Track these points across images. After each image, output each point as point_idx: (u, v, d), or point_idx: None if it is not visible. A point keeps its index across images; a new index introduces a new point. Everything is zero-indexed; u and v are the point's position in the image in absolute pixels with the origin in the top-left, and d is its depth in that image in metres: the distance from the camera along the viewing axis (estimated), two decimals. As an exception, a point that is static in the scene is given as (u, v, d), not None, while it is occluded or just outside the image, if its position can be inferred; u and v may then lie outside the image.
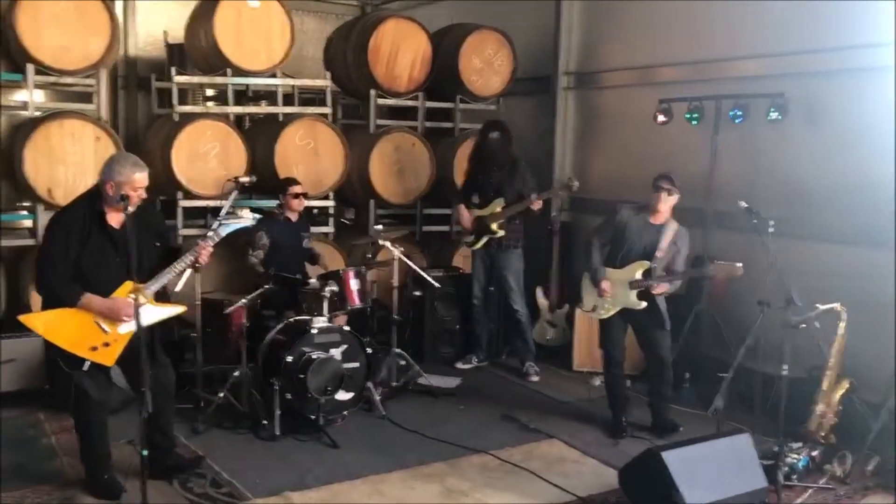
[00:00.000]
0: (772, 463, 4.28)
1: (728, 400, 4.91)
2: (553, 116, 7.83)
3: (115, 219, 3.97)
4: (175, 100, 6.53)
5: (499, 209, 6.29)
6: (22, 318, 3.76)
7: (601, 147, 7.57)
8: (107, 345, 3.89)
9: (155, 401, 3.89)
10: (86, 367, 3.85)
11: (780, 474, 4.28)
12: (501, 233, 6.31)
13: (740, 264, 4.80)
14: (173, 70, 6.63)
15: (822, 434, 4.87)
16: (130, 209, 3.83)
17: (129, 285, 3.86)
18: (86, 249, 3.86)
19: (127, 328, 3.91)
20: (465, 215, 6.47)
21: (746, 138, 6.12)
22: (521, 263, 6.48)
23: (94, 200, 3.94)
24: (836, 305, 4.78)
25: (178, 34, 7.57)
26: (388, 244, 5.84)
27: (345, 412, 5.25)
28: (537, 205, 6.16)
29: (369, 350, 5.36)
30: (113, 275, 3.92)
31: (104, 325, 3.90)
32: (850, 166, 5.52)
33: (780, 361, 4.29)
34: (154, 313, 4.00)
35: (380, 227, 6.35)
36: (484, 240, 6.39)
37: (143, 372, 3.43)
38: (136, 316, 3.53)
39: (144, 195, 3.95)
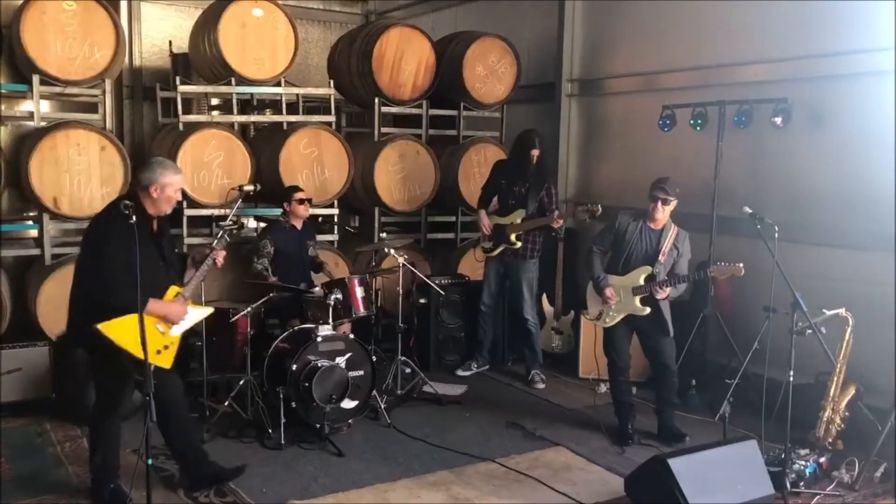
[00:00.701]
0: (779, 469, 4.26)
1: (735, 406, 4.90)
2: (557, 123, 7.84)
3: (153, 224, 4.08)
4: (179, 109, 6.56)
5: (519, 220, 6.27)
6: (100, 326, 3.78)
7: (605, 154, 7.57)
8: (166, 347, 4.03)
9: (168, 411, 4.05)
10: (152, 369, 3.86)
11: (787, 481, 4.26)
12: (518, 244, 6.30)
13: (741, 264, 4.80)
14: (178, 79, 6.67)
15: (830, 440, 4.84)
16: (169, 211, 4.04)
17: (175, 289, 4.10)
18: (139, 255, 3.90)
19: (179, 330, 4.08)
20: (486, 221, 6.46)
21: (750, 144, 6.11)
22: (536, 273, 6.47)
23: (136, 202, 3.95)
24: (842, 311, 4.77)
25: (182, 44, 7.61)
26: (393, 252, 5.85)
27: (350, 420, 5.24)
28: (559, 222, 6.15)
29: (374, 358, 5.36)
30: (160, 279, 4.04)
31: (161, 328, 4.02)
32: (854, 171, 5.51)
33: (786, 367, 4.27)
34: (194, 315, 4.19)
35: (384, 234, 6.37)
36: (501, 248, 6.38)
37: (147, 377, 3.44)
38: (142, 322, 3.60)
39: (180, 198, 4.18)
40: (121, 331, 3.79)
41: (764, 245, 4.51)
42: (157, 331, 3.99)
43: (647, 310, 5.00)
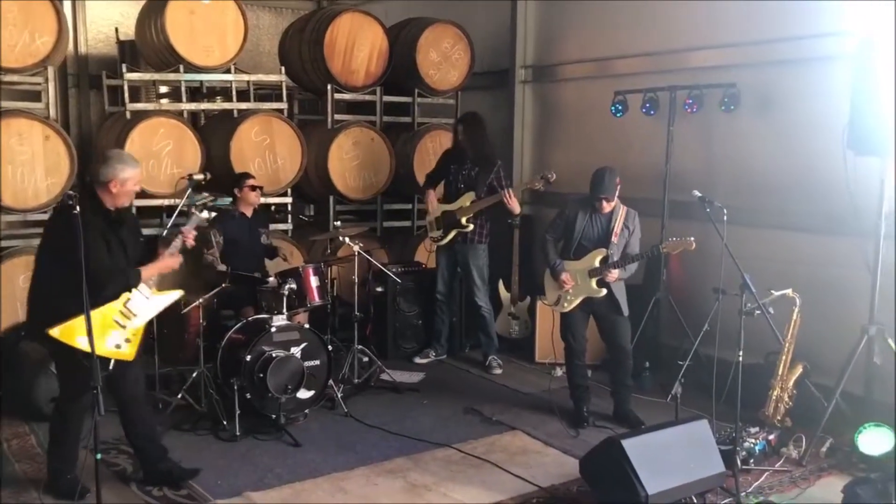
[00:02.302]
0: (730, 448, 4.34)
1: (686, 387, 4.98)
2: (511, 110, 7.85)
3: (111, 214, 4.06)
4: (126, 97, 6.41)
5: (468, 203, 6.26)
6: (51, 332, 3.74)
7: (560, 140, 7.61)
8: (128, 340, 3.99)
9: (127, 405, 4.09)
10: (111, 366, 3.88)
11: (737, 459, 4.34)
12: (470, 227, 6.28)
13: (692, 238, 4.87)
14: (124, 67, 6.51)
15: (778, 418, 4.95)
16: (127, 203, 4.08)
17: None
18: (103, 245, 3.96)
19: (140, 321, 4.03)
20: (434, 201, 6.44)
21: (701, 129, 6.20)
22: (486, 259, 6.47)
23: (95, 200, 3.98)
24: (789, 291, 4.87)
25: (129, 31, 7.44)
26: (347, 240, 5.81)
27: (306, 410, 5.21)
28: (515, 204, 6.13)
29: (330, 347, 5.33)
30: (123, 269, 4.01)
31: (121, 321, 3.97)
32: (802, 155, 5.62)
33: (736, 348, 4.35)
34: (161, 301, 4.15)
35: (339, 223, 6.32)
36: (452, 234, 6.35)
37: (95, 369, 3.38)
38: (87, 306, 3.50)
39: (139, 189, 4.20)
40: (73, 333, 3.72)
41: (714, 229, 4.58)
42: (116, 325, 3.93)
43: (604, 291, 5.06)
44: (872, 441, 4.52)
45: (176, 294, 4.30)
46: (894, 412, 4.71)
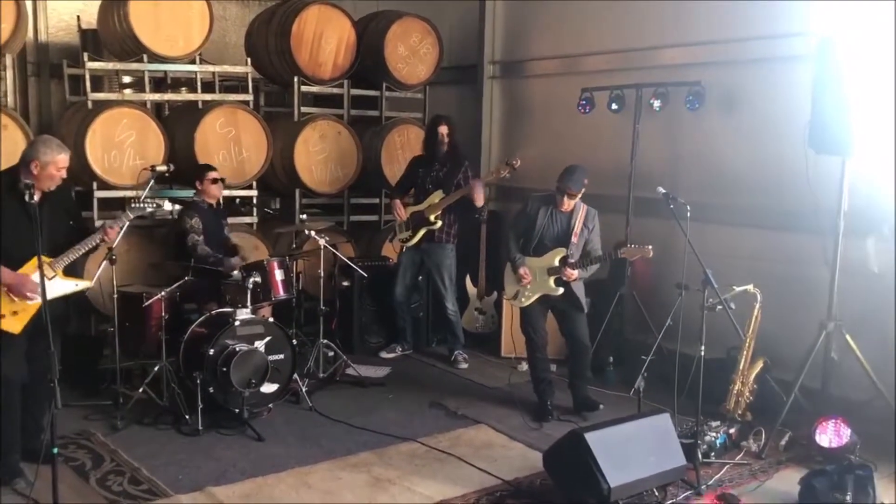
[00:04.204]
0: (691, 441, 4.39)
1: (649, 381, 5.04)
2: (480, 106, 7.86)
3: (35, 195, 3.99)
4: (88, 86, 6.29)
5: (437, 200, 6.24)
6: None
7: (528, 136, 7.63)
8: (15, 313, 3.97)
9: (33, 383, 4.06)
10: None
11: (698, 452, 4.40)
12: (439, 223, 6.27)
13: (650, 246, 4.92)
14: (86, 56, 6.39)
15: (739, 412, 5.03)
16: (52, 188, 4.06)
17: (45, 259, 3.96)
18: (2, 221, 3.98)
19: (31, 300, 4.02)
20: (400, 209, 6.42)
21: (666, 126, 6.26)
22: (454, 260, 6.46)
23: (15, 175, 4.04)
24: (751, 287, 4.95)
25: (91, 19, 7.29)
26: (313, 233, 5.77)
27: (270, 405, 5.17)
28: (479, 196, 6.12)
29: (295, 341, 5.29)
30: (26, 248, 3.97)
31: (13, 295, 3.98)
32: (764, 153, 5.71)
33: (698, 342, 4.40)
34: (62, 286, 4.14)
35: (304, 216, 6.27)
36: (422, 233, 6.33)
37: (53, 363, 3.32)
38: (43, 290, 3.59)
39: (65, 175, 4.15)
40: None
41: (678, 225, 4.62)
42: (5, 296, 3.96)
43: (561, 290, 5.10)
44: (829, 434, 4.60)
45: (84, 284, 4.35)
46: (850, 406, 4.83)
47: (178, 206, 4.86)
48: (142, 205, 4.52)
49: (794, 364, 5.05)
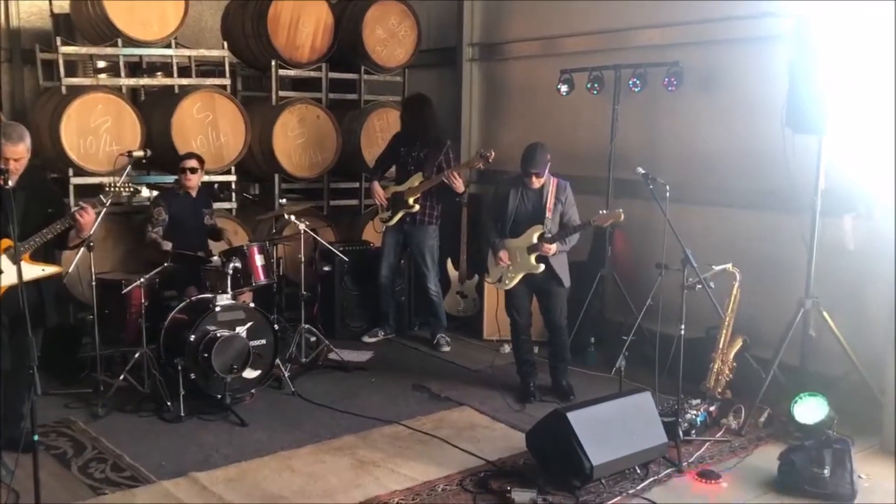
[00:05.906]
0: (672, 419, 4.44)
1: (630, 361, 5.08)
2: (459, 88, 7.83)
3: (10, 180, 3.94)
4: (62, 71, 6.19)
5: (417, 183, 6.23)
6: None
7: (508, 118, 7.62)
8: None
9: (13, 370, 4.01)
10: None
11: (679, 430, 4.45)
12: (416, 207, 6.25)
13: (620, 210, 4.94)
14: (59, 40, 6.28)
15: (719, 390, 5.08)
16: (12, 182, 3.89)
17: (5, 242, 3.97)
18: None
19: (4, 280, 3.98)
20: (380, 191, 6.39)
21: (645, 107, 6.27)
22: (436, 241, 6.45)
23: None
24: (729, 266, 4.98)
25: (64, 3, 7.17)
26: (293, 218, 5.74)
27: (252, 390, 5.16)
28: (459, 184, 6.10)
29: (276, 326, 5.28)
30: None
31: None
32: (742, 133, 5.74)
33: (678, 322, 4.44)
34: (29, 271, 4.02)
35: (284, 201, 6.23)
36: (400, 214, 6.31)
37: (31, 348, 3.29)
38: (19, 274, 3.54)
39: (24, 164, 4.05)
40: None
41: (657, 205, 4.65)
42: None
43: (542, 266, 5.10)
44: (807, 410, 4.66)
45: (53, 269, 4.24)
46: (827, 382, 4.90)
47: (155, 192, 4.82)
48: (117, 189, 4.45)
49: (772, 342, 5.10)
